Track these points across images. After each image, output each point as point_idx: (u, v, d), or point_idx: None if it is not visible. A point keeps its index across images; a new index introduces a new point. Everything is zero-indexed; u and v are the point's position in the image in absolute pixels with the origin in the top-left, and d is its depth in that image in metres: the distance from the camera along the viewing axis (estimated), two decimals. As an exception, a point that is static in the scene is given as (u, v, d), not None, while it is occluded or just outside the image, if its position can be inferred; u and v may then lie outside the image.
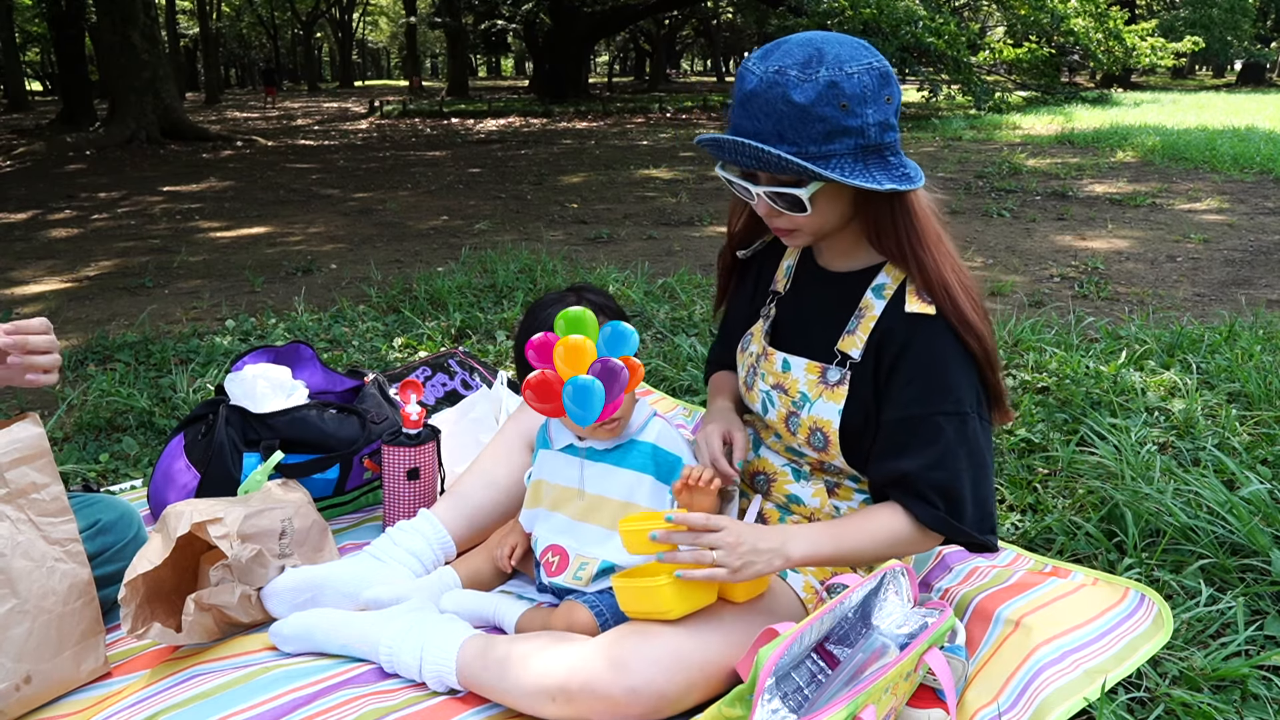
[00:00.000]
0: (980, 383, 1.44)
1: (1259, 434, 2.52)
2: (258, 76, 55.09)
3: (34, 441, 1.47)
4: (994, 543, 1.49)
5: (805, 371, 1.54)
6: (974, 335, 1.41)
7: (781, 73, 1.30)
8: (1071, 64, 22.72)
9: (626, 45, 48.98)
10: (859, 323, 1.49)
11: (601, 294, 2.01)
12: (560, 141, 13.44)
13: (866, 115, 1.31)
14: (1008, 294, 4.37)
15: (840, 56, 1.31)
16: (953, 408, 1.41)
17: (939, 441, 1.41)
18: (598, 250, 5.58)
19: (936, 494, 1.43)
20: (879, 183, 1.32)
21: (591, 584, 1.59)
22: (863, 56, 1.32)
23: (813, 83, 1.29)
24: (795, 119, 1.29)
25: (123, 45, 12.62)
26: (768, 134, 1.32)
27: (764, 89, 1.31)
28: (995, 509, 1.49)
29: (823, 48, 1.31)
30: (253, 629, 1.65)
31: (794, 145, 1.31)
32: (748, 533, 1.39)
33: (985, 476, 1.45)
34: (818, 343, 1.54)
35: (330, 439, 2.10)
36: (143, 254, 5.76)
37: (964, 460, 1.42)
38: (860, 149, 1.32)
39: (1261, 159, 8.84)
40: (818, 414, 1.51)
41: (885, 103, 1.33)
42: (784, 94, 1.29)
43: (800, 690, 1.33)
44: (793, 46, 1.33)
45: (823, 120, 1.29)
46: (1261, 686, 1.53)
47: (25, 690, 1.43)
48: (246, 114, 22.76)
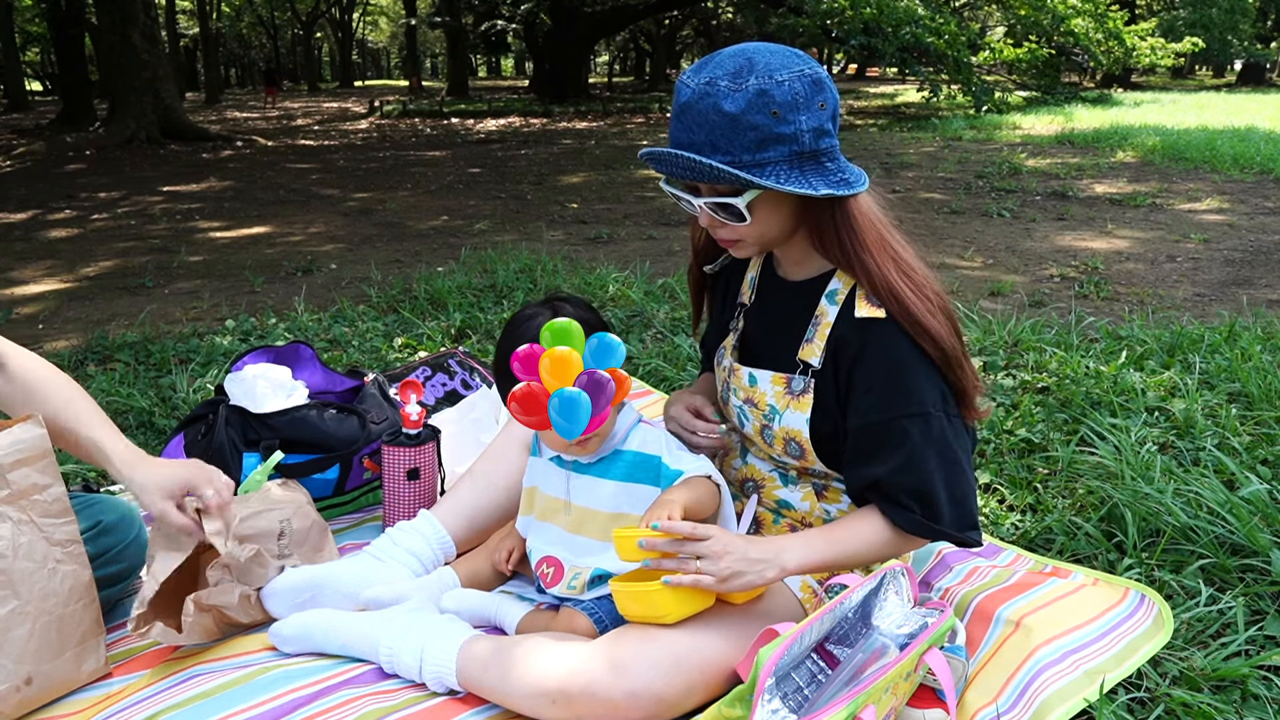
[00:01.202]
0: (944, 382, 1.43)
1: (1259, 434, 2.52)
2: (258, 76, 55.09)
3: (36, 443, 1.47)
4: (977, 538, 1.48)
5: (771, 384, 1.54)
6: (928, 339, 1.39)
7: (712, 84, 1.31)
8: (1074, 65, 22.71)
9: (626, 45, 48.98)
10: (816, 330, 1.49)
11: (582, 305, 1.98)
12: (560, 141, 13.44)
13: (800, 122, 1.32)
14: (1008, 294, 4.37)
15: (771, 65, 1.32)
16: (916, 409, 1.40)
17: (905, 445, 1.40)
18: (598, 250, 5.58)
19: (910, 498, 1.42)
20: (814, 188, 1.33)
21: (587, 592, 1.59)
22: (794, 64, 1.33)
23: (742, 92, 1.30)
24: (726, 128, 1.31)
25: (123, 45, 12.62)
26: (702, 145, 1.33)
27: (696, 100, 1.32)
28: (975, 504, 1.47)
29: (754, 58, 1.33)
30: (253, 629, 1.65)
31: (727, 154, 1.32)
32: (737, 543, 1.39)
33: (959, 473, 1.43)
34: (782, 353, 1.54)
35: (330, 439, 2.10)
36: (142, 254, 5.76)
37: (933, 461, 1.41)
38: (796, 155, 1.33)
39: (1261, 159, 8.84)
40: (788, 424, 1.52)
41: (819, 109, 1.33)
42: (715, 104, 1.30)
43: (800, 690, 1.33)
44: (725, 58, 1.34)
45: (754, 129, 1.30)
46: (1261, 686, 1.53)
47: (26, 691, 1.43)
48: (246, 114, 22.75)
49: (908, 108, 19.26)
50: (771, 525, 1.66)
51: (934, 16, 16.63)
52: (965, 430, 1.46)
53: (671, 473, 1.55)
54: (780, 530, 1.65)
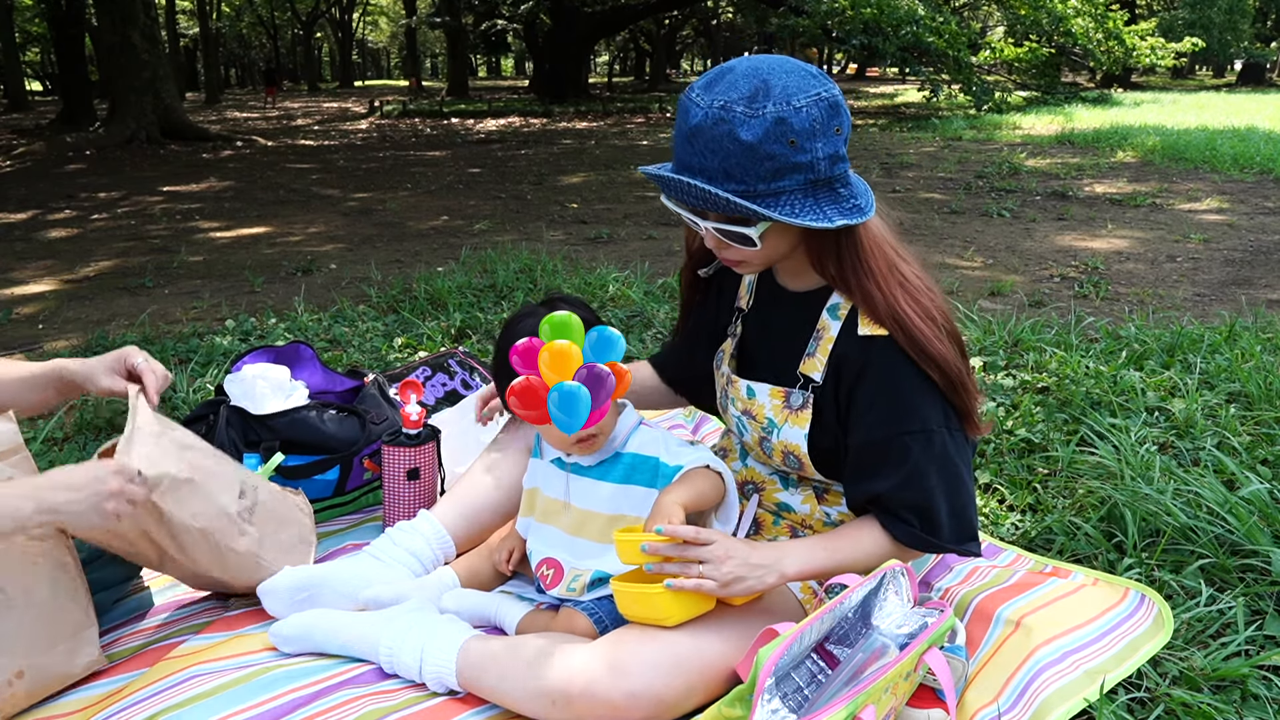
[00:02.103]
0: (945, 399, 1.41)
1: (1259, 434, 2.52)
2: (258, 76, 55.08)
3: (8, 438, 1.48)
4: (975, 549, 1.49)
5: (770, 397, 1.53)
6: (932, 365, 1.38)
7: (727, 108, 1.25)
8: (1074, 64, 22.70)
9: (626, 45, 48.96)
10: (818, 345, 1.47)
11: (580, 306, 1.97)
12: (560, 141, 13.44)
13: (816, 149, 1.27)
14: (1008, 294, 4.37)
15: (788, 89, 1.26)
16: (918, 426, 1.40)
17: (908, 462, 1.40)
18: (598, 250, 5.58)
19: (911, 513, 1.43)
20: (830, 220, 1.29)
21: (586, 593, 1.59)
22: (810, 87, 1.28)
23: (760, 119, 1.24)
24: (742, 157, 1.26)
25: (123, 45, 12.62)
26: (714, 171, 1.28)
27: (710, 125, 1.26)
28: (974, 515, 1.48)
29: (769, 79, 1.27)
30: (253, 629, 1.65)
31: (741, 184, 1.27)
32: (739, 548, 1.40)
33: (960, 487, 1.44)
34: (782, 366, 1.53)
35: (330, 440, 2.10)
36: (142, 254, 5.76)
37: (935, 477, 1.41)
38: (810, 183, 1.29)
39: (1261, 159, 8.84)
40: (786, 438, 1.52)
41: (835, 134, 1.29)
42: (730, 131, 1.25)
43: (800, 690, 1.33)
44: (738, 78, 1.28)
45: (771, 158, 1.26)
46: (1261, 686, 1.53)
47: (19, 685, 1.42)
48: (246, 114, 22.76)
49: (908, 107, 19.26)
50: (772, 526, 1.66)
51: (934, 16, 16.63)
52: (966, 442, 1.46)
53: (670, 469, 1.55)
54: (781, 531, 1.65)
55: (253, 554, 1.65)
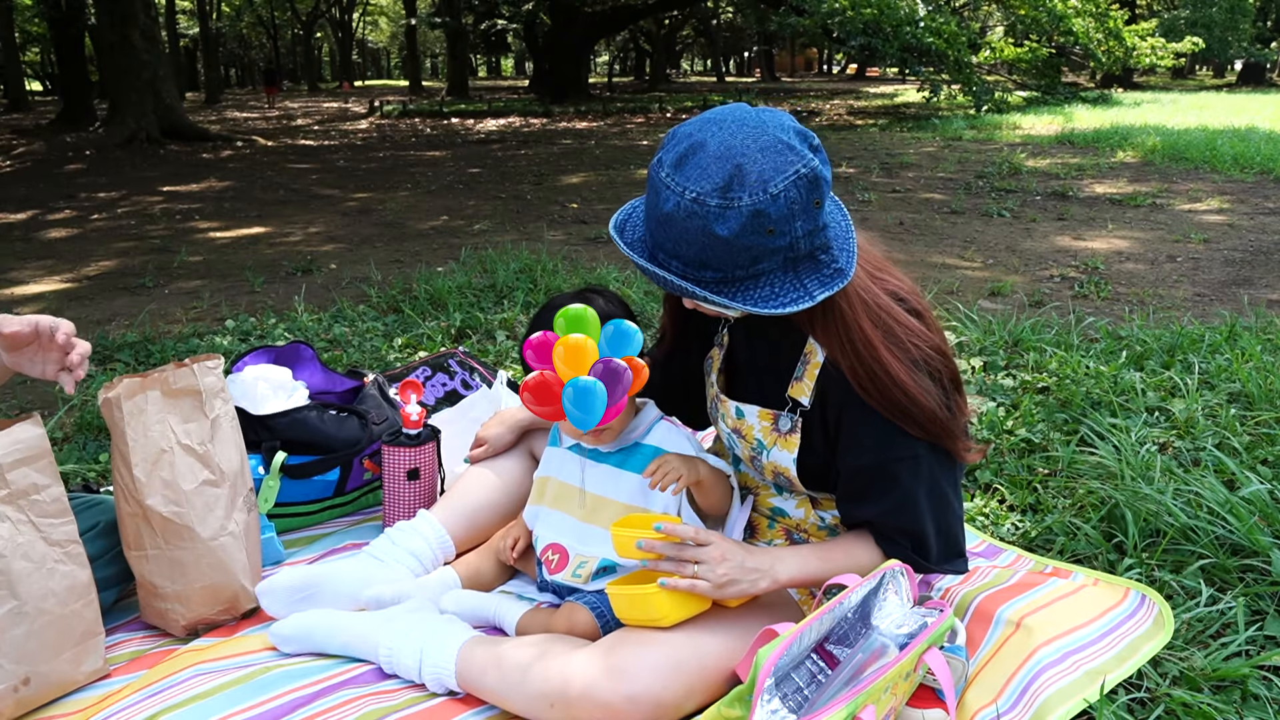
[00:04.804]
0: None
1: (1259, 434, 2.52)
2: (258, 76, 55.06)
3: (35, 442, 1.47)
4: (963, 566, 1.52)
5: (759, 419, 1.53)
6: (912, 424, 1.36)
7: (700, 201, 1.20)
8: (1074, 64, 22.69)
9: (626, 45, 48.97)
10: (805, 369, 1.47)
11: (614, 299, 1.93)
12: (560, 141, 13.44)
13: (795, 230, 1.23)
14: (1008, 294, 4.37)
15: (764, 174, 1.19)
16: (906, 453, 1.40)
17: (898, 488, 1.41)
18: (598, 250, 5.58)
19: (901, 536, 1.46)
20: (811, 295, 1.26)
21: (591, 581, 1.59)
22: (787, 165, 1.20)
23: (735, 212, 1.19)
24: (719, 249, 1.22)
25: (123, 45, 12.62)
26: (690, 259, 1.25)
27: (683, 218, 1.21)
28: (961, 532, 1.50)
29: (743, 165, 1.20)
30: (253, 629, 1.65)
31: (719, 271, 1.24)
32: (735, 550, 1.41)
33: (948, 508, 1.46)
34: (770, 388, 1.52)
35: (331, 440, 2.10)
36: (142, 254, 5.76)
37: (924, 501, 1.42)
38: (790, 260, 1.26)
39: (1261, 159, 8.84)
40: (775, 460, 1.52)
41: (814, 207, 1.24)
42: (704, 226, 1.20)
43: (800, 690, 1.33)
44: (709, 161, 1.21)
45: (748, 249, 1.22)
46: (1261, 686, 1.52)
47: (24, 691, 1.43)
48: (246, 114, 22.75)
49: (908, 108, 19.25)
50: (767, 530, 1.67)
51: (934, 16, 16.63)
52: (954, 461, 1.45)
53: None
54: (776, 534, 1.65)
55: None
